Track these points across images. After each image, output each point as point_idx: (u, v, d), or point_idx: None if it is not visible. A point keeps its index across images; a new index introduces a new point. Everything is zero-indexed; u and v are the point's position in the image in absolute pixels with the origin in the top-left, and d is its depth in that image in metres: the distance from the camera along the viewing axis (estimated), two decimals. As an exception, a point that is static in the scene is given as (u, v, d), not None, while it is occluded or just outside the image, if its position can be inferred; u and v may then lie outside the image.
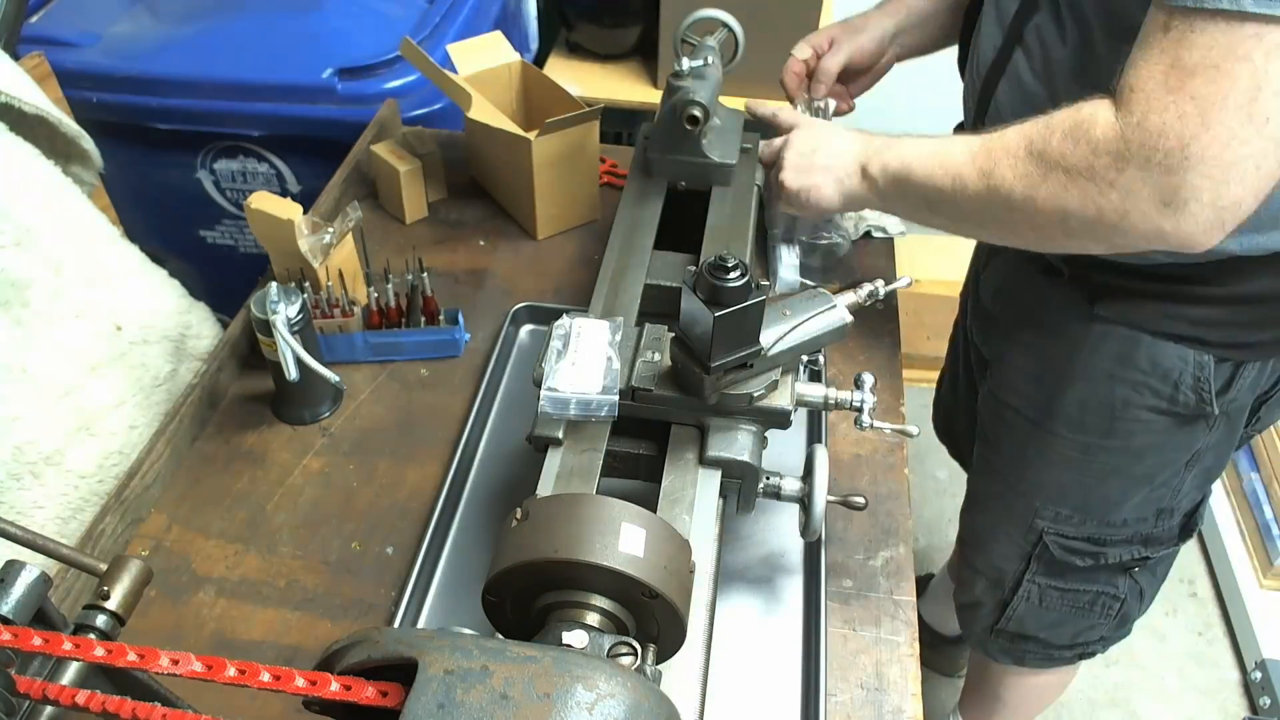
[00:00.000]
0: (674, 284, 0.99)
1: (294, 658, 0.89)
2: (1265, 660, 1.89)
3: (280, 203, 1.10)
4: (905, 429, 0.91)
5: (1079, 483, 1.12)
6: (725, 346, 0.76)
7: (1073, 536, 1.16)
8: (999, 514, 1.22)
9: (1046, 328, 1.07)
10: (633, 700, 0.45)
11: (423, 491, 1.03)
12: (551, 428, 0.83)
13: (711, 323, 0.72)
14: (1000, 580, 1.26)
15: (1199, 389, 0.99)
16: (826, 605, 0.91)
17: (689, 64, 1.07)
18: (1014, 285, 1.12)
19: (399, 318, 1.16)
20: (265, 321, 0.99)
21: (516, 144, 1.25)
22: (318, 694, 0.44)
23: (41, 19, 1.67)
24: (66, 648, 0.46)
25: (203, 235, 1.79)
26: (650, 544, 0.62)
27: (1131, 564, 1.19)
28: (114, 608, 0.57)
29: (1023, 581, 1.23)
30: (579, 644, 0.59)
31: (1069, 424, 1.08)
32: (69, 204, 1.07)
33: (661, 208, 1.07)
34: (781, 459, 0.99)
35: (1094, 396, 1.05)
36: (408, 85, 1.59)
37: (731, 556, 0.97)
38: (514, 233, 1.36)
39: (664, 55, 2.10)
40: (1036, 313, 1.08)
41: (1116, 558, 1.17)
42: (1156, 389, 1.00)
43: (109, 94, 1.57)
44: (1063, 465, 1.12)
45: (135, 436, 1.09)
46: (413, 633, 0.48)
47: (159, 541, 0.98)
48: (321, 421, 1.10)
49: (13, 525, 0.58)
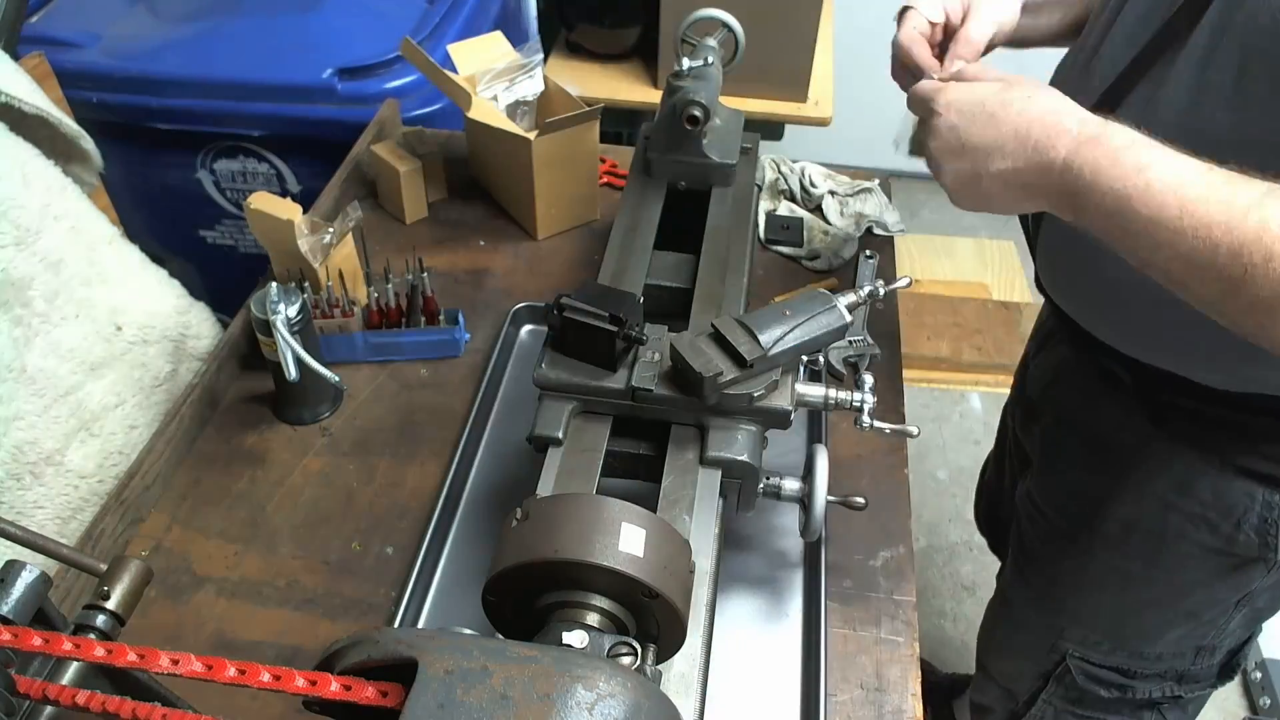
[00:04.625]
0: (674, 284, 0.99)
1: (294, 658, 0.89)
2: (1265, 660, 1.89)
3: (280, 203, 1.10)
4: (905, 429, 0.91)
5: (1113, 608, 1.02)
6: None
7: (1099, 664, 1.07)
8: (1021, 624, 1.13)
9: (1098, 439, 0.96)
10: (633, 700, 0.45)
11: (423, 491, 1.03)
12: (551, 428, 0.83)
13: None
14: (1012, 693, 1.17)
15: (1265, 531, 0.88)
16: (827, 605, 0.91)
17: (689, 64, 1.07)
18: (1067, 384, 1.01)
19: (399, 318, 1.16)
20: (265, 321, 0.99)
21: (516, 144, 1.25)
22: (318, 694, 0.44)
23: (41, 19, 1.67)
24: (66, 648, 0.46)
25: (203, 235, 1.79)
26: (650, 544, 0.62)
27: (1161, 701, 1.07)
28: (114, 608, 0.57)
29: (1037, 700, 1.14)
30: (579, 644, 0.59)
31: (1108, 545, 0.98)
32: (69, 204, 1.07)
33: (661, 208, 1.07)
34: (781, 459, 0.99)
35: (1142, 522, 0.94)
36: (408, 85, 1.59)
37: (731, 556, 0.97)
38: (514, 233, 1.36)
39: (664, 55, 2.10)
40: (1088, 420, 0.97)
41: (1145, 693, 1.07)
42: (1215, 525, 0.89)
43: (109, 94, 1.57)
44: (1097, 587, 1.02)
45: (135, 436, 1.09)
46: (413, 633, 0.48)
47: (159, 541, 0.98)
48: (321, 421, 1.10)
49: (13, 525, 0.58)
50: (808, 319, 0.83)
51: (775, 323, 0.81)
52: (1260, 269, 0.59)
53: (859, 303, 0.88)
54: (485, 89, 1.31)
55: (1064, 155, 0.67)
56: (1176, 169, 0.63)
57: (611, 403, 0.84)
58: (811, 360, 1.15)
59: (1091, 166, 0.66)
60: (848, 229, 1.34)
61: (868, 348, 1.16)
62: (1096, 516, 0.98)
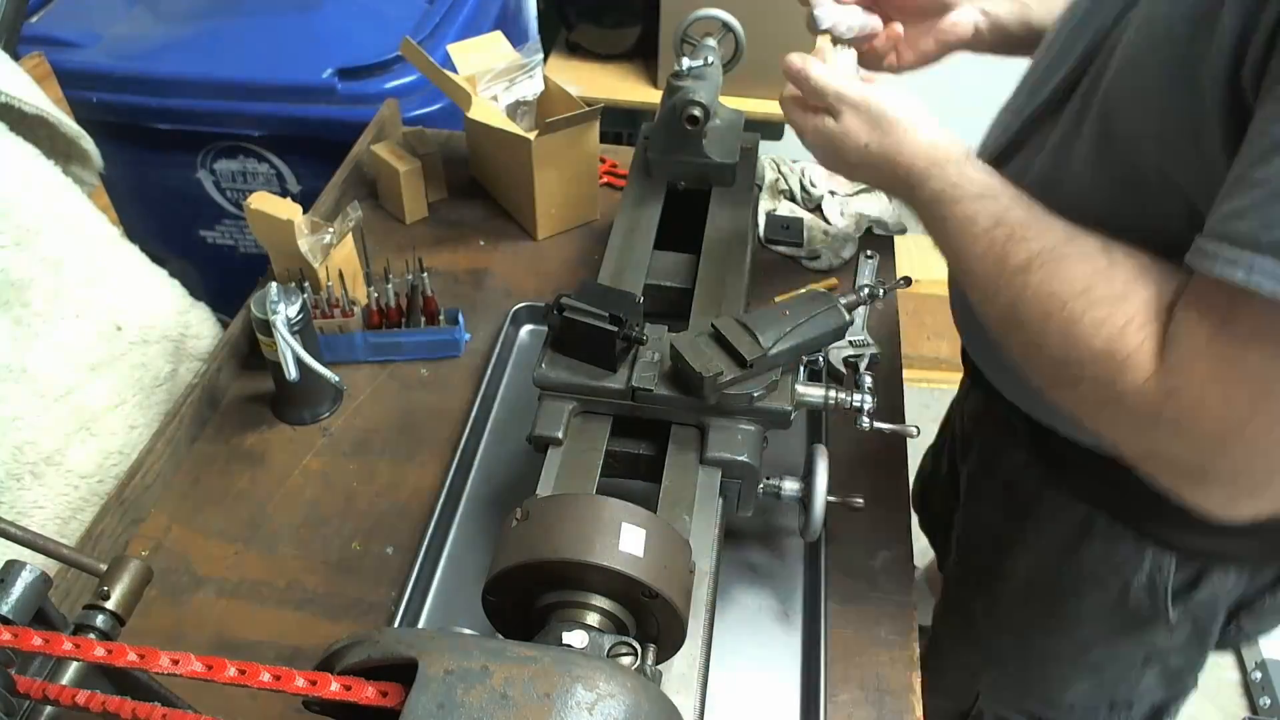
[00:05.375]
0: (674, 284, 0.99)
1: (294, 658, 0.89)
2: (1265, 660, 1.89)
3: (280, 203, 1.10)
4: (905, 429, 0.91)
5: (1021, 654, 1.01)
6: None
7: (1011, 709, 1.06)
8: (944, 662, 1.11)
9: (1008, 484, 0.96)
10: (633, 700, 0.45)
11: (423, 491, 1.03)
12: (552, 428, 0.83)
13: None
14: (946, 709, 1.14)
15: (1153, 591, 0.86)
16: (827, 605, 0.91)
17: (689, 64, 1.07)
18: (987, 424, 1.01)
19: (399, 318, 1.16)
20: (265, 321, 0.99)
21: (516, 144, 1.25)
22: (318, 694, 0.44)
23: (41, 19, 1.67)
24: (66, 648, 0.46)
25: (203, 235, 1.79)
26: (650, 544, 0.62)
27: None
28: (114, 608, 0.57)
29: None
30: (579, 644, 0.59)
31: (1013, 593, 0.98)
32: (69, 204, 1.07)
33: (661, 208, 1.07)
34: (781, 459, 0.99)
35: (1041, 573, 0.94)
36: (408, 85, 1.59)
37: (731, 556, 0.97)
38: (514, 233, 1.36)
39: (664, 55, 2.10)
40: (1000, 464, 0.97)
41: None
42: (1104, 581, 0.88)
43: (109, 94, 1.57)
44: (1005, 631, 1.02)
45: (135, 436, 1.09)
46: (413, 633, 0.48)
47: (159, 541, 0.98)
48: (321, 421, 1.10)
49: (13, 525, 0.58)
50: (808, 319, 0.83)
51: (775, 323, 0.81)
52: (1035, 326, 0.64)
53: (859, 303, 0.88)
54: (485, 89, 1.31)
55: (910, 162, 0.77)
56: (965, 225, 0.71)
57: (611, 403, 0.84)
58: (811, 360, 1.15)
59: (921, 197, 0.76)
60: (848, 229, 1.34)
61: (868, 348, 1.16)
62: (1003, 562, 0.98)
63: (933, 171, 0.75)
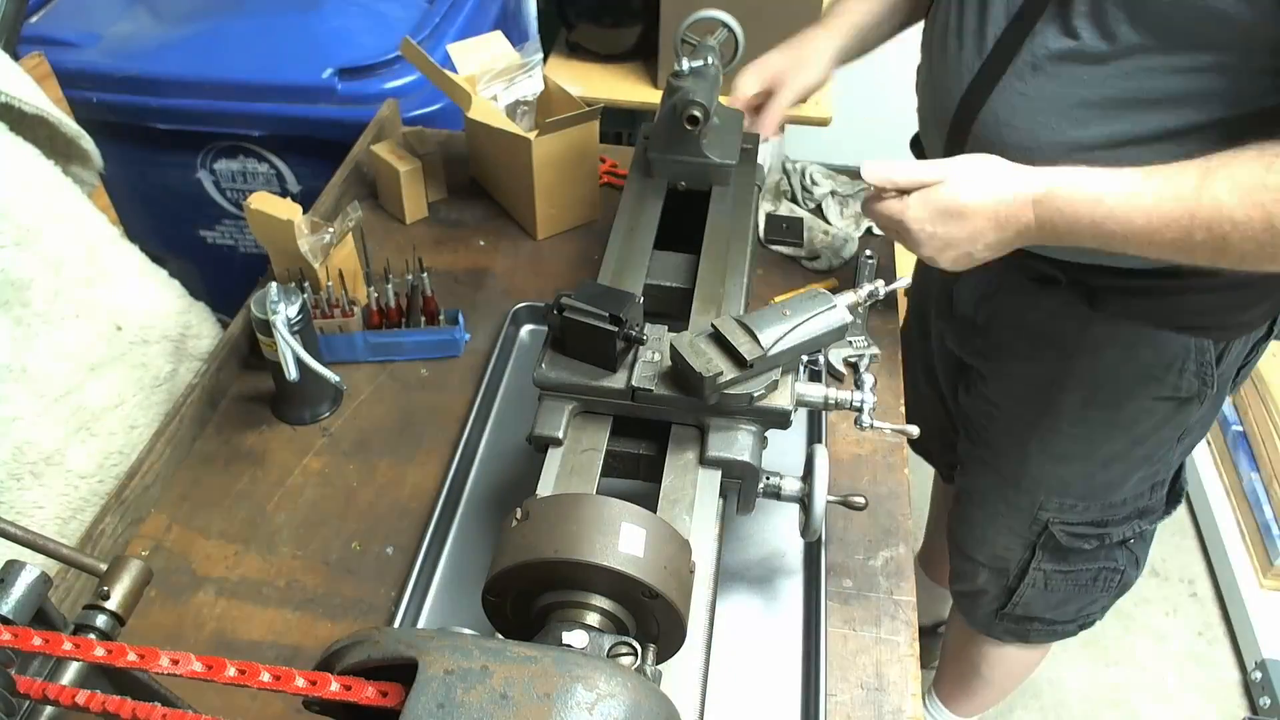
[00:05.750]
0: (674, 284, 0.99)
1: (294, 658, 0.89)
2: (1265, 660, 1.89)
3: (280, 203, 1.10)
4: (905, 429, 0.91)
5: (1083, 472, 1.15)
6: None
7: (1077, 523, 1.19)
8: (998, 508, 1.24)
9: (1043, 334, 1.08)
10: (633, 700, 0.45)
11: (423, 491, 1.03)
12: (552, 428, 0.83)
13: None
14: (1004, 570, 1.29)
15: (1202, 372, 1.02)
16: (827, 605, 0.91)
17: (689, 64, 1.07)
18: (1002, 294, 1.11)
19: (399, 318, 1.16)
20: (265, 321, 0.99)
21: (516, 144, 1.25)
22: (318, 694, 0.44)
23: (41, 19, 1.67)
24: (66, 648, 0.46)
25: (203, 235, 1.79)
26: (650, 544, 0.62)
27: (1130, 538, 1.23)
28: (114, 608, 0.57)
29: (1029, 570, 1.26)
30: (579, 644, 0.59)
31: (1071, 419, 1.10)
32: (69, 204, 1.07)
33: (661, 208, 1.07)
34: (781, 459, 0.99)
35: (1099, 393, 1.07)
36: (408, 85, 1.59)
37: (731, 556, 0.97)
38: (514, 233, 1.36)
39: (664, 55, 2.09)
40: (1031, 320, 1.08)
41: (1120, 535, 1.21)
42: (1160, 377, 1.03)
43: (109, 94, 1.57)
44: (1065, 459, 1.14)
45: (135, 436, 1.09)
46: (413, 633, 0.48)
47: (159, 541, 0.98)
48: (321, 421, 1.10)
49: (13, 525, 0.58)
50: (808, 319, 0.83)
51: (775, 323, 0.81)
52: (1234, 234, 0.74)
53: (859, 303, 0.88)
54: (485, 89, 1.31)
55: (1033, 217, 0.82)
56: (1122, 186, 0.78)
57: (611, 403, 0.84)
58: (811, 360, 1.15)
59: (1057, 217, 0.81)
60: (848, 229, 1.34)
61: (867, 348, 1.16)
62: (1056, 399, 1.09)
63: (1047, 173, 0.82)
